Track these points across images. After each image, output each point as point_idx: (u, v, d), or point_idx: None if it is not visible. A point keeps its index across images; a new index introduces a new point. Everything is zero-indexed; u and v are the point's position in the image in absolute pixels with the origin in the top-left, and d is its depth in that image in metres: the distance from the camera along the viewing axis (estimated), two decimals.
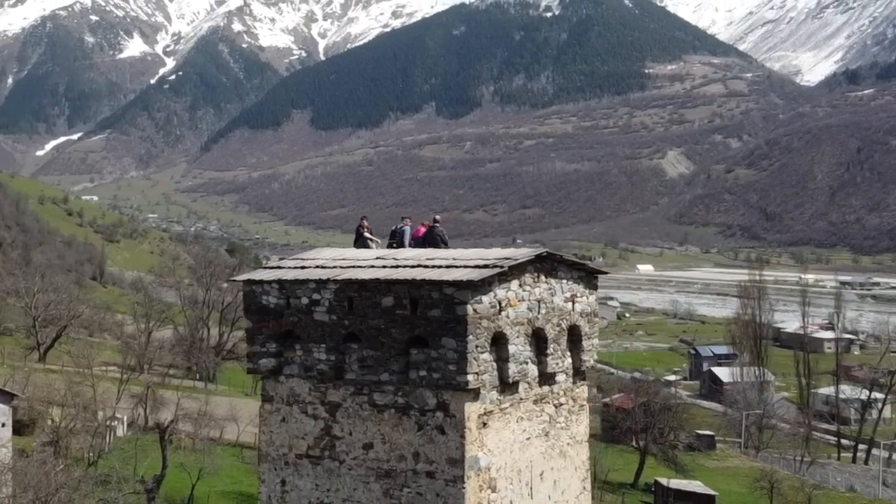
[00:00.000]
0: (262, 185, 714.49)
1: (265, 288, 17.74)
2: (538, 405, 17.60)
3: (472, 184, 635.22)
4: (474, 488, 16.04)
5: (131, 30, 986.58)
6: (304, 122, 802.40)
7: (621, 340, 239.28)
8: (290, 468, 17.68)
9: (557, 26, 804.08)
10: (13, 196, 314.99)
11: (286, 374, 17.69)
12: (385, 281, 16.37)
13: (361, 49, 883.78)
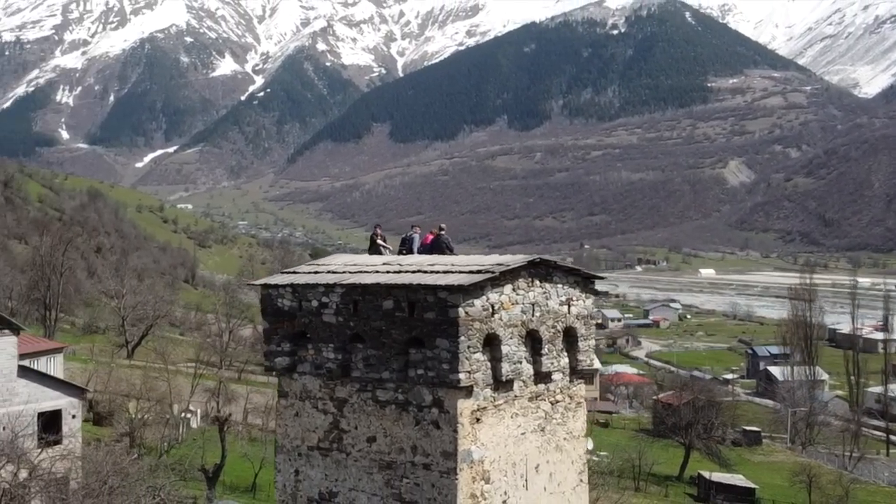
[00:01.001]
0: (345, 193, 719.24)
1: (280, 291, 18.06)
2: (534, 402, 17.67)
3: (541, 192, 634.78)
4: (467, 479, 16.17)
5: (223, 50, 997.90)
6: (384, 134, 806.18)
7: (682, 340, 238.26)
8: (303, 459, 17.96)
9: (623, 43, 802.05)
10: (113, 205, 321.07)
11: (299, 371, 17.98)
12: (385, 285, 16.60)
13: (437, 66, 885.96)
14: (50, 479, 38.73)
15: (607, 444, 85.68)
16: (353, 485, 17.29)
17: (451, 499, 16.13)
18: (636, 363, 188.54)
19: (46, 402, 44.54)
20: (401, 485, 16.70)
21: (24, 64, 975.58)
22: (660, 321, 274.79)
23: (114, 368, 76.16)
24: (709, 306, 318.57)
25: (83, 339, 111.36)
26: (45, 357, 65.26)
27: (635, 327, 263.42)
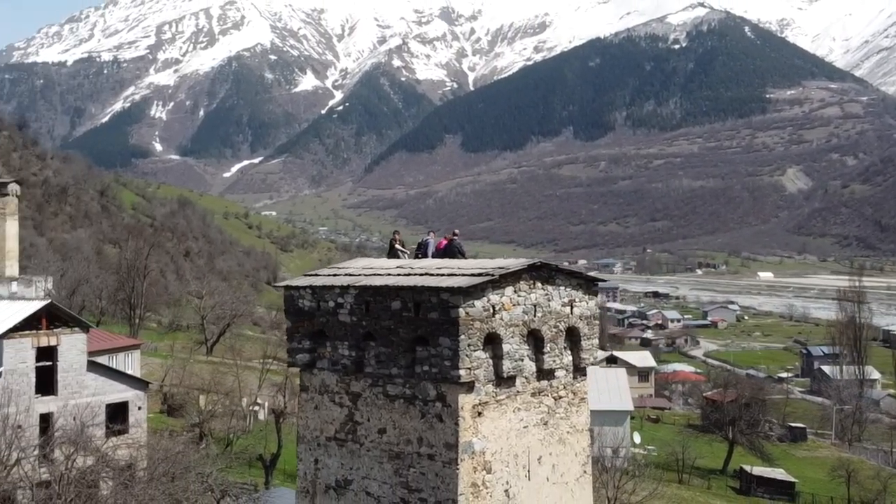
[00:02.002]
0: (419, 201, 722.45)
1: (300, 293, 18.37)
2: (536, 397, 17.75)
3: (605, 199, 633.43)
4: (468, 469, 16.33)
5: (305, 67, 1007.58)
6: (456, 145, 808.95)
7: (739, 340, 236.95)
8: (322, 449, 18.25)
9: (685, 57, 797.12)
10: (201, 212, 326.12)
11: (318, 367, 18.27)
12: (393, 287, 16.84)
13: (506, 80, 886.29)
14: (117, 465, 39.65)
15: (656, 438, 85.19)
16: (365, 473, 17.56)
17: (453, 487, 16.32)
18: (694, 362, 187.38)
19: (113, 394, 45.40)
20: (408, 474, 16.93)
21: (121, 81, 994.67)
22: (718, 322, 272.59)
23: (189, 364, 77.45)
24: (766, 308, 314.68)
25: (167, 336, 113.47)
26: (123, 353, 66.53)
27: (694, 328, 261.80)
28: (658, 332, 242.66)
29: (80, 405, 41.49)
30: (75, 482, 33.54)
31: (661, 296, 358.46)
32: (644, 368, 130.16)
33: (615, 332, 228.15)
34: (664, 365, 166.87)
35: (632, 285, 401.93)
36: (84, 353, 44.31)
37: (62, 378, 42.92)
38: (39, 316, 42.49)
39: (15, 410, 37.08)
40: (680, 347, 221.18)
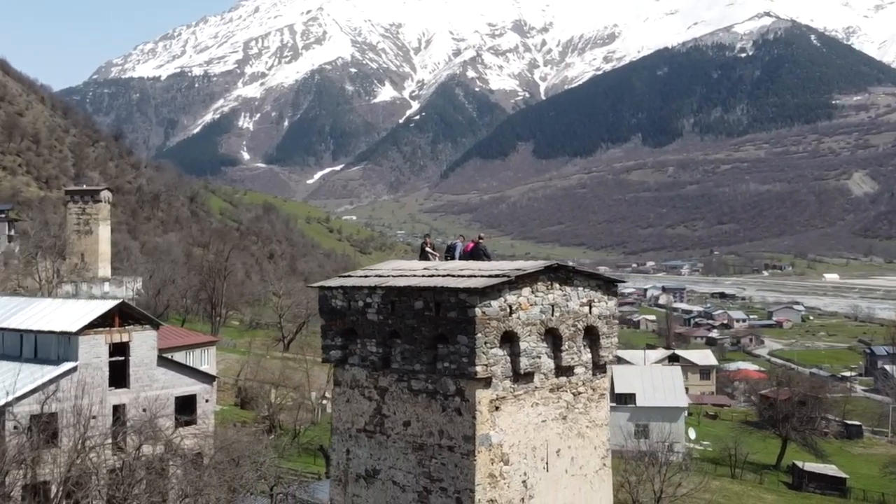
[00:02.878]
0: (492, 205, 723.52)
1: (333, 293, 18.66)
2: (555, 393, 17.78)
3: (673, 203, 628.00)
4: (485, 461, 16.45)
5: (383, 79, 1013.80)
6: (528, 152, 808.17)
7: (804, 340, 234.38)
8: (353, 440, 18.51)
9: (751, 65, 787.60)
10: (284, 217, 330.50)
11: (349, 363, 18.53)
12: (416, 288, 17.03)
13: (577, 89, 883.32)
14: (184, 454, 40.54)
15: (711, 434, 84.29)
16: (392, 463, 17.78)
17: (471, 477, 16.46)
18: (758, 360, 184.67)
19: (182, 387, 46.30)
20: (430, 464, 17.10)
21: (211, 94, 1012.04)
22: (783, 322, 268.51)
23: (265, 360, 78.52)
24: (831, 309, 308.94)
25: (247, 333, 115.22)
26: (199, 349, 67.77)
27: (759, 327, 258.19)
28: (723, 332, 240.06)
29: (150, 397, 42.54)
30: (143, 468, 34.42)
31: (728, 296, 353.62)
32: (705, 366, 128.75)
33: (681, 332, 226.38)
34: (728, 363, 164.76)
35: (699, 286, 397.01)
36: (154, 349, 45.35)
37: (134, 372, 43.94)
38: (112, 314, 43.65)
39: (89, 402, 38.17)
40: (745, 346, 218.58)
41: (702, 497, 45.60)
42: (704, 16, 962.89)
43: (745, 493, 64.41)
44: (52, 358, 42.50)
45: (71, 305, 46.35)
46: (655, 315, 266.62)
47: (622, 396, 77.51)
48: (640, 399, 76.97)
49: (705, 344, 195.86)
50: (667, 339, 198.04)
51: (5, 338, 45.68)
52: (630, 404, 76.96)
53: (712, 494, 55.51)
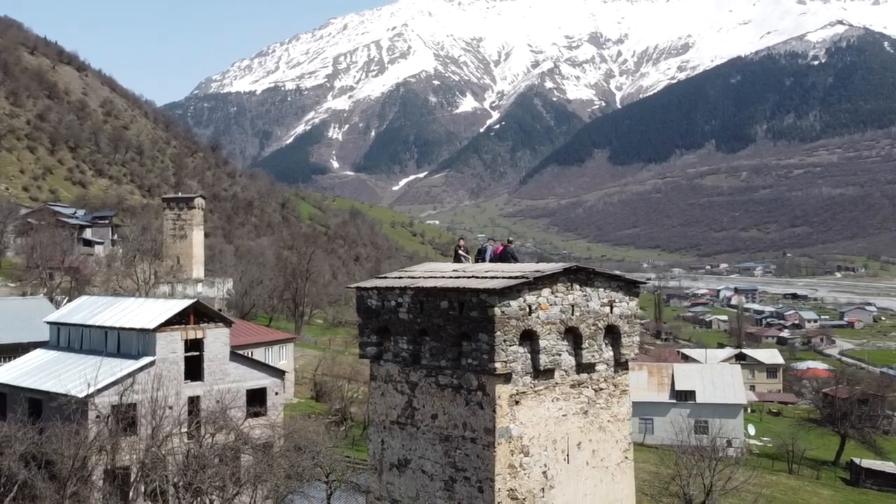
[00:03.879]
0: (569, 210, 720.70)
1: (368, 293, 18.96)
2: (576, 389, 17.78)
3: (746, 207, 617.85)
4: (505, 452, 16.55)
5: (465, 90, 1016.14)
6: (604, 159, 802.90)
7: (875, 340, 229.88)
8: (387, 431, 18.77)
9: (824, 72, 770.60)
10: (370, 221, 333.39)
11: (384, 359, 18.79)
12: (442, 289, 17.22)
13: (651, 98, 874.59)
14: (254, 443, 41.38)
15: (772, 431, 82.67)
16: (421, 454, 17.98)
17: (491, 468, 16.59)
18: (829, 360, 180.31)
19: (253, 381, 47.15)
20: (455, 455, 17.27)
21: (302, 107, 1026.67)
22: (855, 322, 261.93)
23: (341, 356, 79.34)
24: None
25: (329, 331, 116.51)
26: (278, 345, 68.86)
27: (830, 328, 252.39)
28: (794, 332, 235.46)
29: (223, 390, 43.49)
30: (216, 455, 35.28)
31: (800, 297, 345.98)
32: (772, 365, 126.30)
33: (752, 331, 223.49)
34: (798, 363, 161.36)
35: (771, 287, 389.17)
36: (226, 345, 46.29)
37: (207, 366, 44.94)
38: (188, 313, 44.81)
39: (166, 393, 39.27)
40: (815, 346, 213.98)
41: (752, 491, 44.86)
42: (777, 25, 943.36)
43: (801, 489, 62.99)
44: (133, 353, 43.81)
45: (151, 304, 47.73)
46: (727, 315, 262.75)
47: (682, 393, 76.61)
48: (699, 396, 75.94)
49: (776, 343, 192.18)
50: (737, 339, 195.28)
51: (92, 334, 47.25)
52: (690, 401, 76.01)
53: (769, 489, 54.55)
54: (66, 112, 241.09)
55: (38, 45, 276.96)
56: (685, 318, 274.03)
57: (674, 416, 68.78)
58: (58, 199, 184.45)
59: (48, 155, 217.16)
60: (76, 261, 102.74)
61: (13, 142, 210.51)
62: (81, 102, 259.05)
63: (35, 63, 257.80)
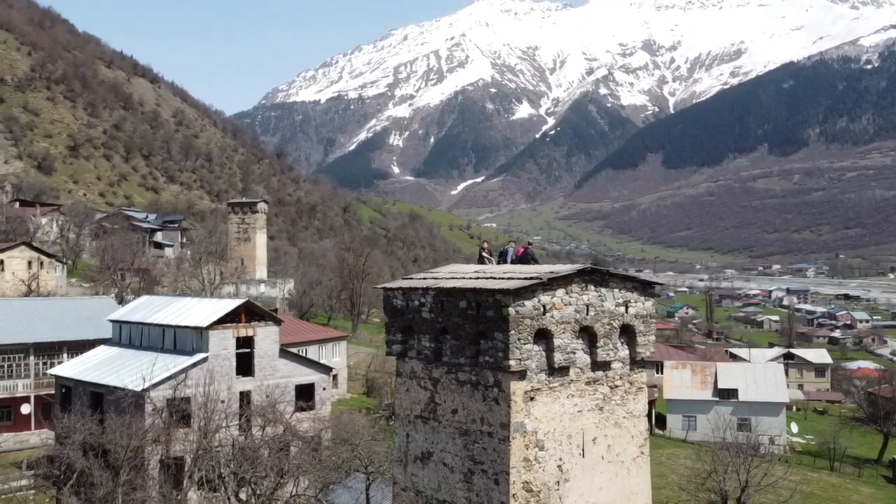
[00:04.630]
0: (623, 213, 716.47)
1: (394, 293, 19.11)
2: (591, 386, 17.71)
3: (799, 209, 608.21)
4: (520, 446, 16.57)
5: (521, 97, 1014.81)
6: (657, 163, 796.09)
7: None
8: (411, 425, 18.90)
9: (877, 76, 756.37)
10: (428, 224, 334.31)
11: (409, 356, 18.92)
12: (460, 289, 17.31)
13: (704, 103, 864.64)
14: (302, 435, 41.88)
15: (816, 429, 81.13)
16: (442, 447, 18.09)
17: (506, 461, 16.63)
18: (880, 360, 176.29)
19: (301, 377, 47.73)
20: (474, 448, 17.35)
21: (364, 115, 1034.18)
22: None
23: None
24: None
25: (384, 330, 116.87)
26: (331, 343, 69.47)
27: (882, 328, 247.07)
28: (846, 332, 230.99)
29: (273, 385, 44.18)
30: (266, 446, 35.90)
31: (852, 298, 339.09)
32: (820, 365, 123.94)
33: (803, 331, 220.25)
34: (849, 362, 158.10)
35: (823, 288, 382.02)
36: (276, 343, 46.90)
37: (258, 363, 45.54)
38: (239, 312, 45.54)
39: (218, 388, 39.99)
40: (867, 346, 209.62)
41: (788, 487, 44.16)
42: (830, 30, 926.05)
43: (842, 486, 61.70)
44: (188, 349, 44.66)
45: (205, 304, 48.57)
46: (779, 315, 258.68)
47: (725, 391, 75.61)
48: (742, 394, 74.82)
49: (827, 343, 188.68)
50: (788, 339, 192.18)
51: (150, 331, 48.26)
52: (732, 399, 74.96)
53: (809, 486, 53.64)
54: (140, 122, 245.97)
55: (114, 59, 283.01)
56: (737, 318, 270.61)
57: (716, 414, 67.93)
58: (132, 204, 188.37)
59: (123, 163, 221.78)
60: (146, 262, 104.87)
61: (91, 150, 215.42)
62: (154, 113, 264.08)
63: (111, 76, 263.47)
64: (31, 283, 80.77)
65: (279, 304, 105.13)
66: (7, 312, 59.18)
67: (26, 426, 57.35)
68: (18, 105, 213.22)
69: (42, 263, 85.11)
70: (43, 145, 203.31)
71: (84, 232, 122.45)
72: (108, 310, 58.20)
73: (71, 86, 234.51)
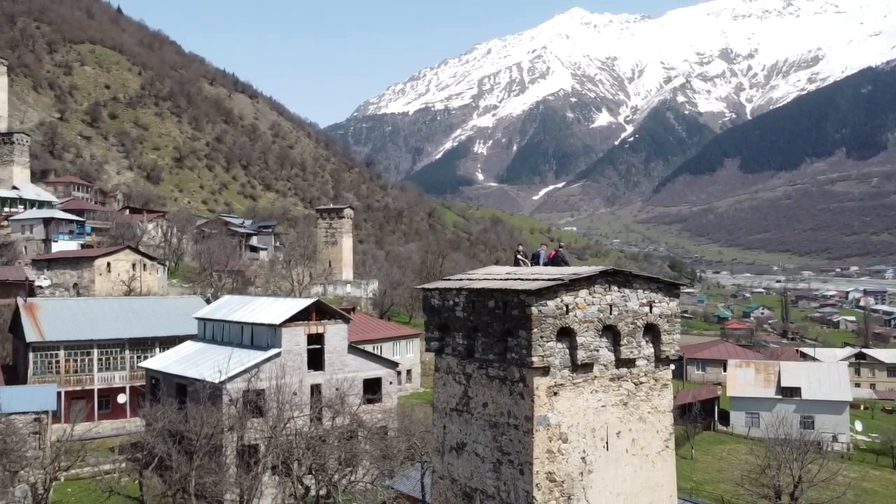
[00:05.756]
0: (701, 216, 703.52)
1: (432, 293, 19.34)
2: (615, 382, 17.64)
3: (877, 212, 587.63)
4: (543, 438, 16.61)
5: (600, 106, 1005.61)
6: (734, 167, 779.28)
7: None
8: (447, 417, 19.09)
9: None
10: (509, 228, 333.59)
11: (445, 353, 19.12)
12: (489, 289, 17.47)
13: (782, 109, 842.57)
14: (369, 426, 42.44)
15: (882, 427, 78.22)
16: (475, 438, 18.25)
17: (530, 452, 16.73)
18: None
19: (369, 371, 48.30)
20: (502, 440, 17.47)
21: (450, 125, 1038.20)
22: None
23: None
24: None
25: None
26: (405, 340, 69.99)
27: None
28: None
29: (341, 379, 44.85)
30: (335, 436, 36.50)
31: None
32: (893, 364, 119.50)
33: (879, 332, 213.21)
34: None
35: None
36: (345, 339, 47.55)
37: (328, 358, 46.28)
38: (310, 311, 46.39)
39: (290, 381, 40.83)
40: None
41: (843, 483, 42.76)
42: None
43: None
44: (263, 345, 45.70)
45: (280, 303, 49.63)
46: (855, 316, 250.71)
47: (788, 390, 73.62)
48: (805, 392, 72.72)
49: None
50: (864, 339, 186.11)
51: (230, 328, 49.52)
52: (796, 397, 72.94)
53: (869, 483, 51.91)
54: (240, 135, 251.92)
55: (216, 77, 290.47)
56: (813, 318, 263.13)
57: (779, 411, 66.18)
58: (231, 210, 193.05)
59: (224, 172, 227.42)
60: (240, 264, 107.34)
61: (194, 161, 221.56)
62: (253, 126, 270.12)
63: (214, 92, 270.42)
64: (131, 283, 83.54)
65: (364, 304, 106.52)
66: (107, 311, 61.64)
67: (122, 414, 59.76)
68: (130, 120, 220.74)
69: (144, 265, 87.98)
70: (151, 157, 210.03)
71: (185, 236, 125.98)
72: (197, 308, 59.95)
73: (177, 102, 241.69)
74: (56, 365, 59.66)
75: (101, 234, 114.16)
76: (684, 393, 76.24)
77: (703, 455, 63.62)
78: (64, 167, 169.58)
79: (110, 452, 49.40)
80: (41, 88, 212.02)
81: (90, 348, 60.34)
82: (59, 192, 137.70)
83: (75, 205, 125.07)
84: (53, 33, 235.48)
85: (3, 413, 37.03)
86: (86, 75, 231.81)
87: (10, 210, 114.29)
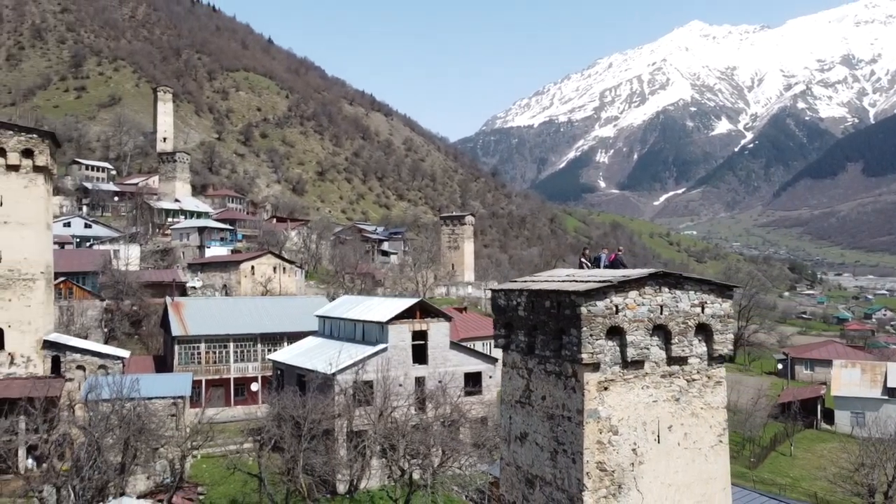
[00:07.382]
0: (821, 220, 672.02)
1: (498, 294, 19.59)
2: (667, 378, 17.40)
3: None
4: (594, 430, 16.60)
5: (720, 114, 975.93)
6: (857, 171, 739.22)
7: None
8: (513, 409, 19.30)
9: None
10: (629, 233, 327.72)
11: (510, 349, 19.33)
12: (545, 291, 17.60)
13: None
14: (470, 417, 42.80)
15: None
16: (535, 429, 18.39)
17: (581, 442, 16.77)
18: None
19: (470, 366, 48.60)
20: (557, 431, 17.55)
21: (573, 136, 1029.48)
22: None
23: None
24: None
25: None
26: None
27: None
28: None
29: (443, 373, 45.39)
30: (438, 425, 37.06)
31: None
32: None
33: None
34: None
35: None
36: (447, 336, 48.11)
37: (431, 353, 46.93)
38: (414, 309, 47.19)
39: (396, 374, 41.66)
40: None
41: None
42: None
43: None
44: (373, 341, 46.83)
45: (389, 303, 50.70)
46: None
47: (894, 390, 69.43)
48: None
49: None
50: None
51: (346, 325, 50.96)
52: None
53: None
54: (376, 149, 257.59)
55: (355, 98, 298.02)
56: None
57: (885, 412, 62.55)
58: (367, 219, 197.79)
59: (361, 184, 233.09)
60: (371, 267, 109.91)
61: (335, 174, 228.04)
62: (388, 141, 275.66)
63: (352, 112, 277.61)
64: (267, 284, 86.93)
65: (483, 304, 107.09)
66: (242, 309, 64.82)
67: (254, 401, 62.95)
68: (278, 139, 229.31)
69: (284, 268, 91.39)
70: (297, 171, 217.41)
71: (323, 242, 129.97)
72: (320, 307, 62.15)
73: (320, 121, 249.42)
74: (198, 356, 63.17)
75: (250, 240, 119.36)
76: (786, 392, 73.22)
77: (804, 452, 61.06)
78: (221, 181, 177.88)
79: (240, 434, 51.89)
80: (202, 112, 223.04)
81: (227, 342, 63.53)
82: (216, 204, 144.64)
83: (228, 215, 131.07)
84: (213, 63, 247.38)
85: (142, 398, 39.63)
86: (240, 100, 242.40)
87: (172, 220, 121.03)
